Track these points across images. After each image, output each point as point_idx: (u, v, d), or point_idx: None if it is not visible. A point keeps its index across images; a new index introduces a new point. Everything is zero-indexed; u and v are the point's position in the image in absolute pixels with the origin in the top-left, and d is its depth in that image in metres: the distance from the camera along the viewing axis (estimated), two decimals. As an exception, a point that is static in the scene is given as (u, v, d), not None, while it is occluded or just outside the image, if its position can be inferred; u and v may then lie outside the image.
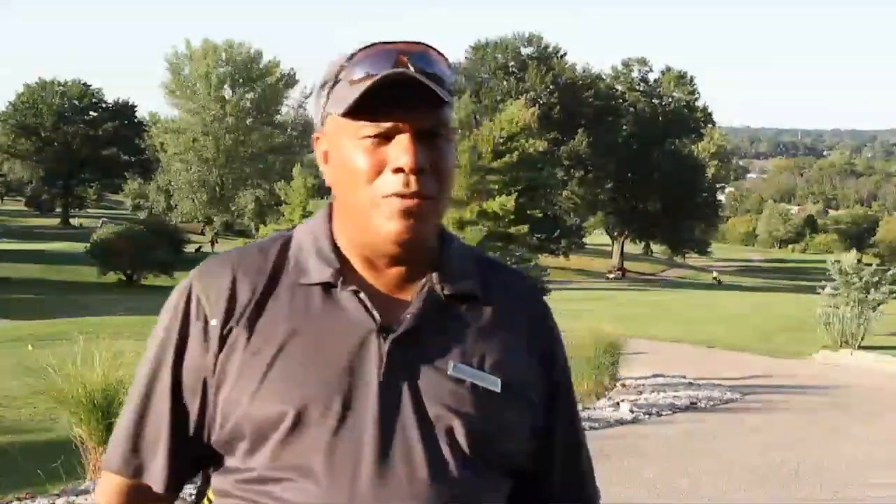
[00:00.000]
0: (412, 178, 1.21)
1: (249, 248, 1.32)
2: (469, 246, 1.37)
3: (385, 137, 1.22)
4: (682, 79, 67.37)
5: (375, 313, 1.23)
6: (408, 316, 1.24)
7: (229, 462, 1.24)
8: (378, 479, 1.17)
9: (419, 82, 1.20)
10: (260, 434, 1.20)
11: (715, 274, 61.20)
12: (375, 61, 1.22)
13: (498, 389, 1.25)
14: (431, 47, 1.27)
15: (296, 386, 1.19)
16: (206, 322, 1.25)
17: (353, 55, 1.25)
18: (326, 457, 1.18)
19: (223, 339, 1.24)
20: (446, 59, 1.28)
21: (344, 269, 1.26)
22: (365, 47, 1.25)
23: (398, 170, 1.21)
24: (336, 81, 1.25)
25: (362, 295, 1.24)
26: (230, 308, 1.25)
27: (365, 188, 1.22)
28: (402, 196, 1.21)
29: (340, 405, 1.19)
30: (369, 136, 1.22)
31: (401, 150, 1.21)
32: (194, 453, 1.27)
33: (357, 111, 1.21)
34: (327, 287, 1.25)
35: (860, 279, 22.21)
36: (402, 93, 1.20)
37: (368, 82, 1.21)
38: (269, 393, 1.19)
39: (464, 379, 1.24)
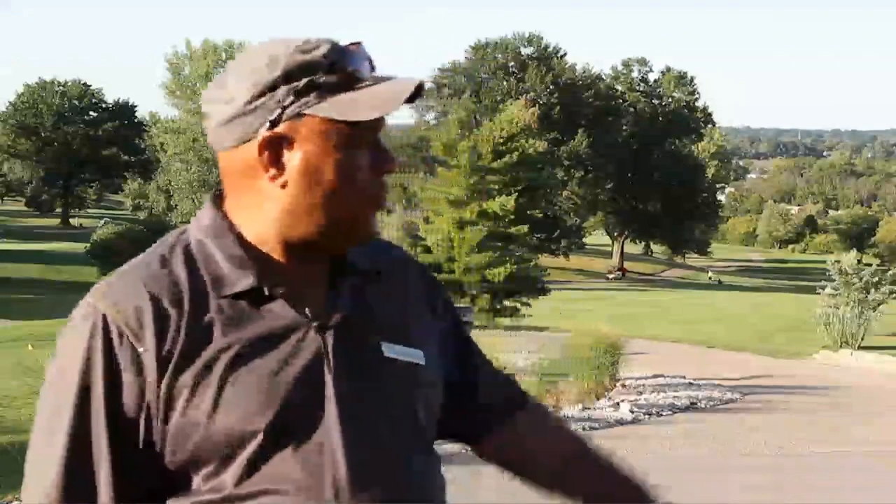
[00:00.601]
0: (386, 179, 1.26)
1: (150, 262, 1.23)
2: None
3: (372, 140, 1.23)
4: (682, 79, 67.40)
5: (308, 311, 1.23)
6: (336, 306, 1.25)
7: (186, 485, 1.19)
8: (356, 476, 1.18)
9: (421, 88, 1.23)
10: (225, 455, 1.16)
11: (710, 274, 61.19)
12: (357, 63, 1.22)
13: (423, 362, 1.29)
14: None
15: (253, 401, 1.16)
16: (134, 351, 1.17)
17: (338, 55, 1.21)
18: (301, 465, 1.17)
19: (161, 366, 1.17)
20: None
21: (262, 271, 1.22)
22: (345, 47, 1.23)
23: (388, 172, 1.25)
24: (320, 81, 1.20)
25: (290, 295, 1.22)
26: (160, 332, 1.17)
27: (359, 191, 1.22)
28: (385, 196, 1.26)
29: (302, 410, 1.18)
30: (365, 141, 1.22)
31: (386, 152, 1.25)
32: (139, 490, 1.20)
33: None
34: (252, 293, 1.21)
35: (860, 279, 22.24)
36: None
37: (394, 88, 1.21)
38: (227, 413, 1.16)
39: (398, 358, 1.27)
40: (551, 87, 59.07)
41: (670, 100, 67.36)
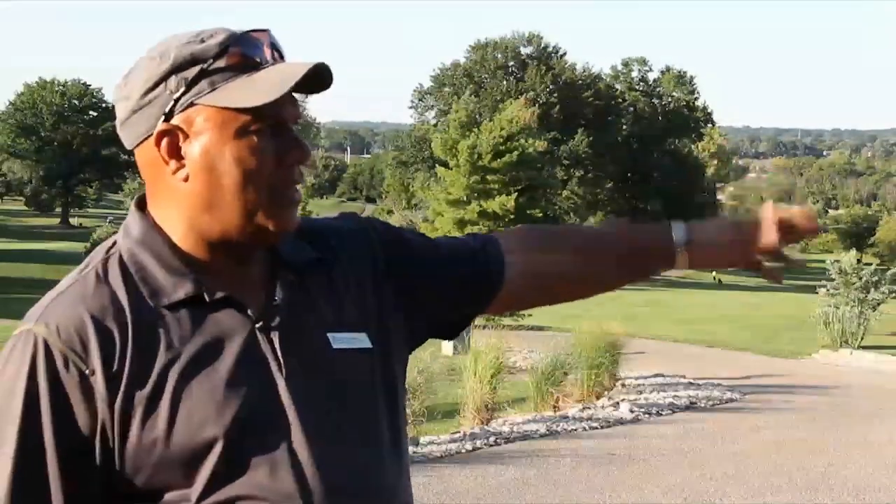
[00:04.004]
0: (301, 168, 1.23)
1: (85, 280, 1.18)
2: None
3: (275, 128, 1.20)
4: (681, 78, 67.32)
5: (251, 313, 1.21)
6: (277, 305, 1.23)
7: (153, 500, 1.16)
8: (325, 479, 1.17)
9: (323, 72, 1.20)
10: (188, 468, 1.13)
11: (714, 273, 60.96)
12: (253, 49, 1.20)
13: (370, 345, 1.27)
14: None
15: (209, 412, 1.14)
16: (82, 376, 1.12)
17: (228, 42, 1.18)
18: (268, 471, 1.15)
19: (111, 387, 1.13)
20: None
21: (199, 276, 1.20)
22: (239, 34, 1.20)
23: (298, 161, 1.22)
24: (210, 69, 1.17)
25: (231, 298, 1.20)
26: (106, 352, 1.13)
27: (260, 182, 1.19)
28: (297, 187, 1.23)
29: (260, 416, 1.17)
30: (264, 129, 1.19)
31: (295, 141, 1.22)
32: None
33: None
34: (192, 300, 1.18)
35: (860, 279, 22.23)
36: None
37: (285, 71, 1.18)
38: (184, 427, 1.13)
39: (346, 348, 1.25)
40: (551, 86, 59.01)
41: (670, 99, 67.31)
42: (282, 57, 1.22)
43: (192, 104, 1.18)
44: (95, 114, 69.73)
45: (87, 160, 67.54)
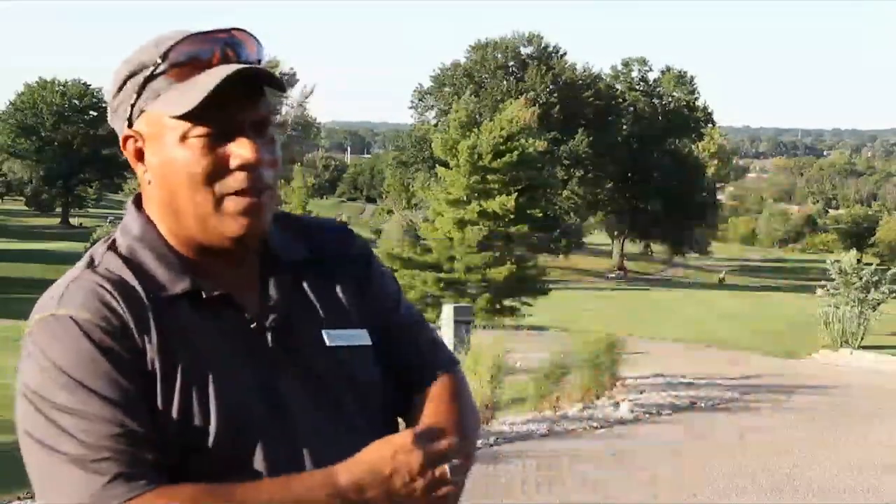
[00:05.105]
0: (255, 174, 1.17)
1: (94, 272, 1.19)
2: (280, 211, 1.33)
3: (220, 134, 1.17)
4: (681, 78, 67.31)
5: (246, 313, 1.21)
6: (270, 305, 1.23)
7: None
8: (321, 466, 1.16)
9: (255, 73, 1.17)
10: (186, 461, 1.14)
11: (723, 274, 60.85)
12: (197, 51, 1.17)
13: (369, 342, 1.28)
14: (248, 32, 1.22)
15: (207, 411, 1.14)
16: (128, 340, 1.14)
17: (170, 47, 1.17)
18: (263, 468, 1.15)
19: (146, 362, 1.14)
20: (260, 42, 1.23)
21: (195, 273, 1.20)
22: (184, 37, 1.18)
23: (243, 167, 1.17)
24: (153, 76, 1.17)
25: (228, 297, 1.21)
26: (138, 330, 1.15)
27: (204, 189, 1.16)
28: (248, 193, 1.17)
29: (254, 414, 1.17)
30: (210, 134, 1.16)
31: (243, 146, 1.17)
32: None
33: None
34: (190, 297, 1.19)
35: (860, 279, 22.22)
36: (234, 85, 1.15)
37: (207, 79, 1.15)
38: (182, 421, 1.14)
39: (342, 345, 1.26)
40: (551, 86, 58.99)
41: (670, 99, 67.29)
42: (238, 56, 1.19)
43: (142, 111, 1.20)
44: (95, 114, 69.70)
45: (87, 160, 67.52)
